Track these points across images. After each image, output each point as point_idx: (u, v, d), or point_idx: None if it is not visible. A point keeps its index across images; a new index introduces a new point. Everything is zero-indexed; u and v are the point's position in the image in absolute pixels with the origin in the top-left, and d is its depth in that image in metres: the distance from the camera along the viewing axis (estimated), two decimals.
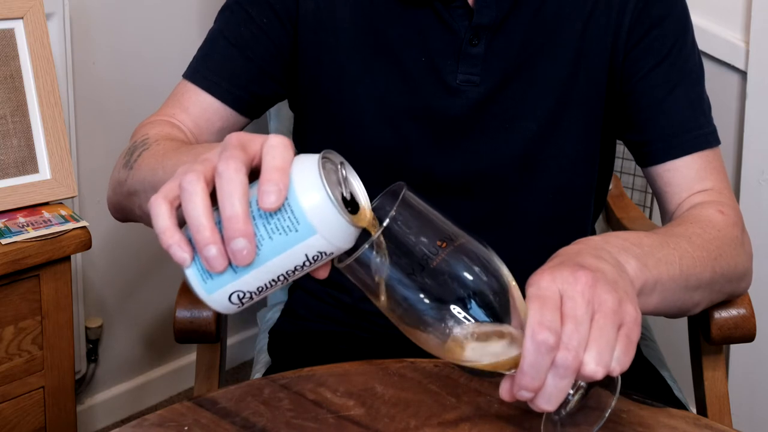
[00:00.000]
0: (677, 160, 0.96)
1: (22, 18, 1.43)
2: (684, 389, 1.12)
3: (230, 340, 2.13)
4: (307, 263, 0.61)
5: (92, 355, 1.87)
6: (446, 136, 0.98)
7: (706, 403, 1.07)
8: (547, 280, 0.65)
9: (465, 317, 0.62)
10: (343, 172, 0.62)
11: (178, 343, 1.03)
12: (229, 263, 0.59)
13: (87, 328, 1.84)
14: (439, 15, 0.95)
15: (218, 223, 0.59)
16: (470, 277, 0.62)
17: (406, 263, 0.61)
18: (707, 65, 1.68)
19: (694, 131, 0.96)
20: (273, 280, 0.61)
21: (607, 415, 0.68)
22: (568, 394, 0.66)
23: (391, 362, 0.81)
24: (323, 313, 1.08)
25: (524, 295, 0.65)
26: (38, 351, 1.41)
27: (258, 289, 0.61)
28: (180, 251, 0.60)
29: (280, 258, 0.60)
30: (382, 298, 0.63)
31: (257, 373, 1.15)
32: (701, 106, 0.99)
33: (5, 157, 1.40)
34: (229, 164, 0.59)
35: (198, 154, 0.65)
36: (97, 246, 1.60)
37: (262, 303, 1.39)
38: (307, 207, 0.58)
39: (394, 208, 0.61)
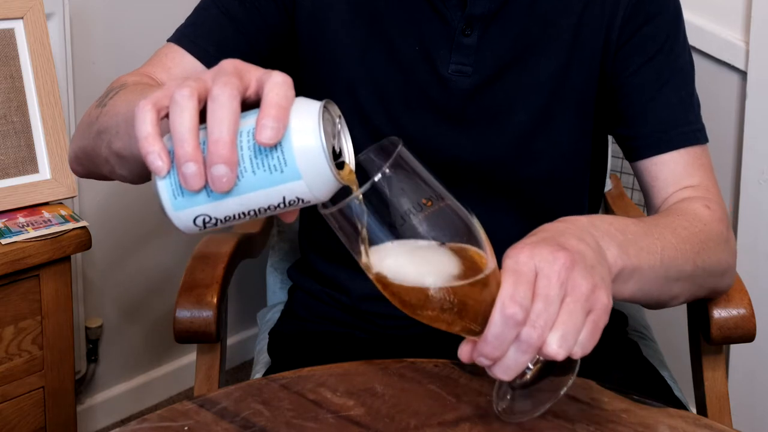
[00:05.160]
0: (665, 155, 0.96)
1: (22, 18, 1.43)
2: (684, 389, 1.12)
3: (230, 340, 2.13)
4: (282, 205, 0.60)
5: (92, 355, 1.87)
6: (439, 124, 0.98)
7: (706, 403, 1.07)
8: (525, 255, 0.65)
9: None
10: (339, 125, 0.62)
11: (178, 343, 1.03)
12: (205, 186, 0.59)
13: (87, 328, 1.84)
14: (433, 4, 0.96)
15: (202, 144, 0.59)
16: (449, 237, 0.62)
17: (389, 217, 0.62)
18: (707, 65, 1.69)
19: (683, 127, 0.97)
20: (243, 213, 0.61)
21: (561, 394, 0.69)
22: (527, 367, 0.67)
23: (391, 362, 0.81)
24: (323, 314, 1.08)
25: (500, 266, 0.65)
26: (38, 351, 1.41)
27: (225, 217, 0.61)
28: (158, 160, 0.59)
29: (257, 194, 0.59)
30: (361, 248, 0.63)
31: (257, 374, 1.15)
32: (691, 103, 0.99)
33: (5, 157, 1.40)
34: (225, 90, 0.58)
35: (185, 79, 0.65)
36: (97, 246, 1.60)
37: (262, 303, 1.40)
38: (298, 152, 0.58)
39: (387, 165, 0.61)
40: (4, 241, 1.32)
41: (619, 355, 1.04)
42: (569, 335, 0.64)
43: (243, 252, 1.19)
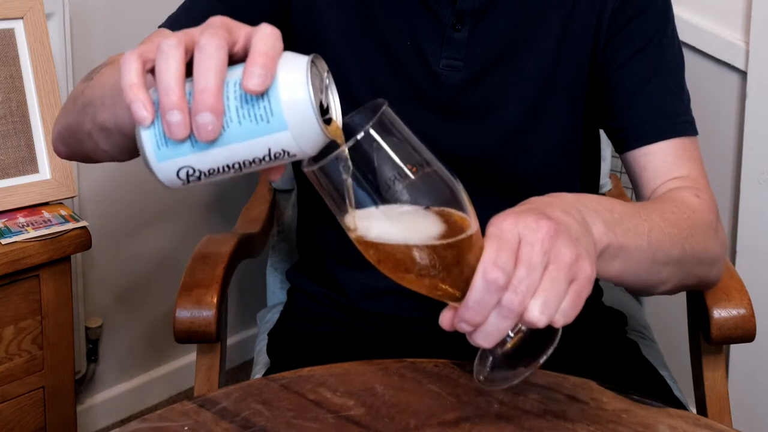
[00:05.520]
0: (653, 145, 0.96)
1: (22, 18, 1.43)
2: (684, 389, 1.12)
3: (230, 340, 2.13)
4: (267, 158, 0.60)
5: (92, 355, 1.87)
6: (431, 119, 0.98)
7: (706, 403, 1.07)
8: (509, 223, 0.65)
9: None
10: (327, 81, 0.62)
11: (178, 343, 1.03)
12: (189, 136, 0.58)
13: (87, 328, 1.84)
14: (424, 0, 0.96)
15: (188, 95, 0.58)
16: (433, 202, 0.62)
17: (372, 181, 0.61)
18: (707, 65, 1.69)
19: (671, 118, 0.96)
20: (227, 166, 0.60)
21: (541, 362, 0.68)
22: (507, 335, 0.67)
23: (391, 362, 0.81)
24: (322, 315, 1.08)
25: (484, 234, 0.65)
26: (38, 351, 1.41)
27: (209, 170, 0.60)
28: (142, 109, 0.59)
29: (243, 145, 0.59)
30: (345, 209, 0.62)
31: (257, 374, 1.15)
32: (680, 95, 0.98)
33: (5, 157, 1.40)
34: (212, 40, 0.58)
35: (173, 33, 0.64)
36: (97, 246, 1.60)
37: (262, 303, 1.40)
38: (285, 101, 0.58)
39: (371, 124, 0.61)
40: (4, 241, 1.32)
41: (619, 355, 1.04)
42: (551, 302, 0.63)
43: (243, 252, 1.19)
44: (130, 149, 0.82)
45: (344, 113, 0.63)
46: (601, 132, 1.23)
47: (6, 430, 1.40)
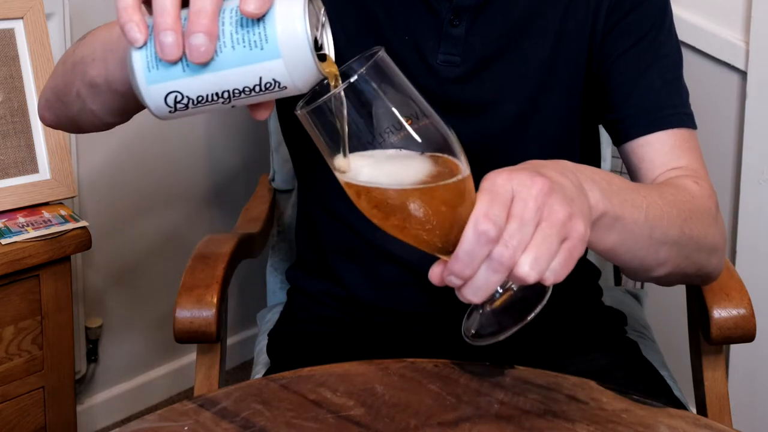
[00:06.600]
0: (650, 136, 0.95)
1: (22, 18, 1.43)
2: (684, 389, 1.12)
3: (230, 340, 2.13)
4: (257, 88, 0.60)
5: (92, 355, 1.87)
6: None
7: (706, 403, 1.07)
8: (503, 178, 0.65)
9: None
10: (323, 19, 0.62)
11: (178, 343, 1.03)
12: (181, 59, 0.59)
13: (87, 328, 1.84)
14: None
15: (183, 20, 0.59)
16: (427, 151, 0.62)
17: (366, 126, 0.61)
18: (707, 65, 1.69)
19: (668, 109, 0.96)
20: (216, 94, 0.60)
21: (529, 319, 0.68)
22: (496, 291, 0.66)
23: (391, 362, 0.81)
24: (322, 315, 1.08)
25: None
26: (38, 351, 1.41)
27: (198, 98, 0.60)
28: (135, 29, 0.59)
29: (234, 72, 0.59)
30: (334, 153, 0.62)
31: (257, 374, 1.15)
32: (678, 88, 0.98)
33: (5, 157, 1.40)
34: None
35: None
36: (97, 246, 1.60)
37: (262, 303, 1.40)
38: (281, 30, 0.58)
39: (365, 68, 0.60)
40: (4, 241, 1.32)
41: (619, 355, 1.04)
42: (542, 258, 0.63)
43: (243, 252, 1.19)
44: (119, 109, 0.82)
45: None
46: (602, 132, 1.23)
47: (6, 430, 1.40)
